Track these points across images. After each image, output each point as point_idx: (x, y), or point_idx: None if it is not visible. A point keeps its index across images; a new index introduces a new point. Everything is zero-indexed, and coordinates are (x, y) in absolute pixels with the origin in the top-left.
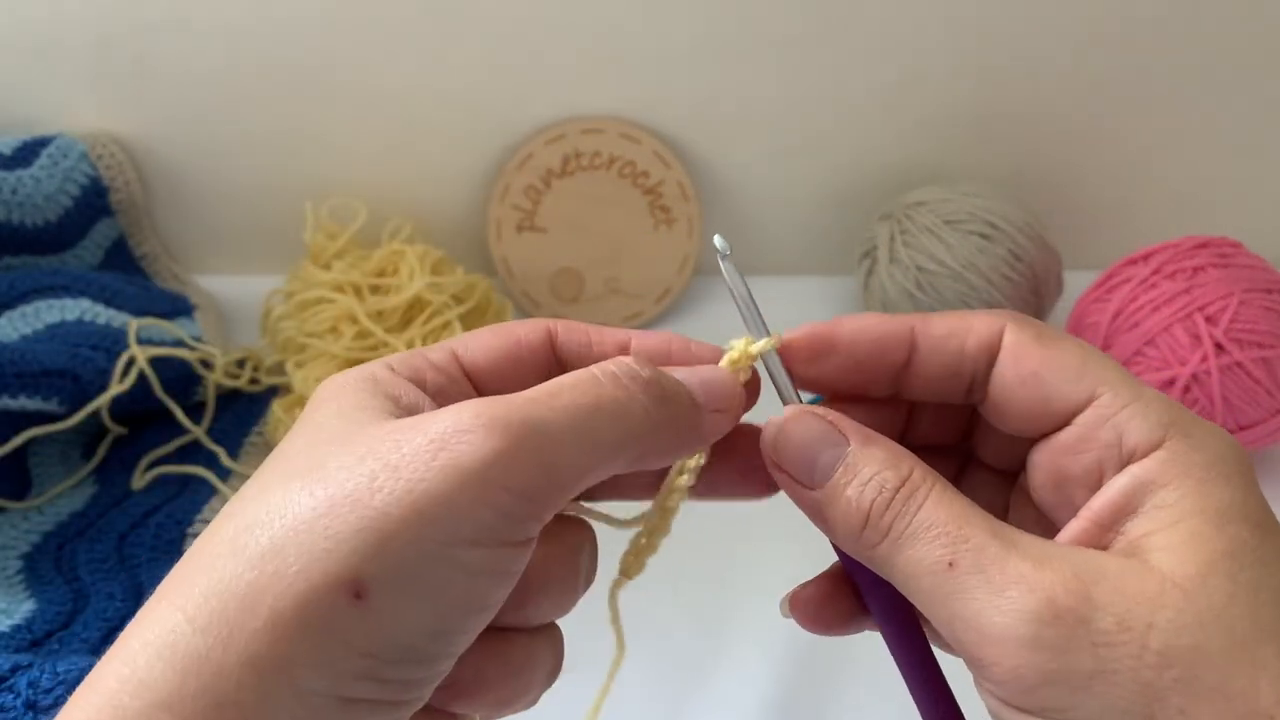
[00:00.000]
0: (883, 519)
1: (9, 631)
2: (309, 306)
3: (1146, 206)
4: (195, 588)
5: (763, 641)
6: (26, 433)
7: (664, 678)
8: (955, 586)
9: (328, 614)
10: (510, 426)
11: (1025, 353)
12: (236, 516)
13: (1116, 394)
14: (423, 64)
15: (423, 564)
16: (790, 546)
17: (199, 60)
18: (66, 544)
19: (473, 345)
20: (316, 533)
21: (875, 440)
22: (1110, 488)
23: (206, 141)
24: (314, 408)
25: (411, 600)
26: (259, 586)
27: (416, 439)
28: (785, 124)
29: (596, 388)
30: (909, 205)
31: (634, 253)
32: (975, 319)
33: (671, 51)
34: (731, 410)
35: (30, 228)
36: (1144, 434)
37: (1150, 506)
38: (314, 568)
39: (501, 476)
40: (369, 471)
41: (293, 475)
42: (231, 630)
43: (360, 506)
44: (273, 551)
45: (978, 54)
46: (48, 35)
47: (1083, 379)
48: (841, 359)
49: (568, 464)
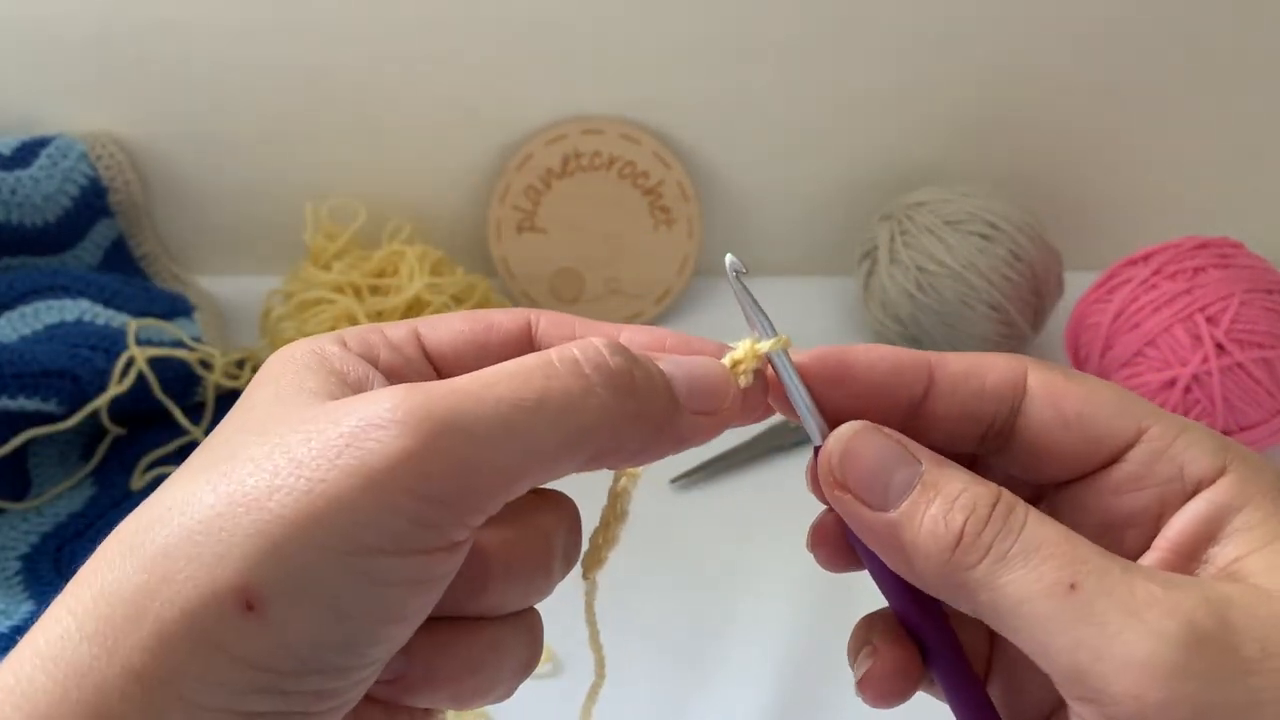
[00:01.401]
0: (980, 538)
1: (8, 633)
2: (309, 307)
3: (1146, 206)
4: (87, 589)
5: (763, 641)
6: (26, 433)
7: (664, 678)
8: (1081, 611)
9: (216, 626)
10: (426, 422)
11: (1063, 393)
12: (142, 512)
13: (1165, 426)
14: (423, 64)
15: (321, 573)
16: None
17: (199, 60)
18: (65, 545)
19: (439, 326)
20: (210, 535)
21: (947, 460)
22: (1185, 516)
23: (206, 141)
24: (255, 385)
25: (309, 612)
26: (146, 592)
27: (326, 431)
28: (785, 124)
29: (544, 378)
30: (909, 205)
31: (634, 253)
32: (995, 358)
33: (671, 51)
34: (721, 414)
35: (29, 228)
36: (1206, 462)
37: (1232, 530)
38: (202, 575)
39: (410, 480)
40: (273, 467)
41: (204, 467)
42: (117, 638)
43: (256, 508)
44: (164, 554)
45: (978, 54)
46: (48, 35)
47: (1126, 414)
48: (857, 387)
49: (493, 467)
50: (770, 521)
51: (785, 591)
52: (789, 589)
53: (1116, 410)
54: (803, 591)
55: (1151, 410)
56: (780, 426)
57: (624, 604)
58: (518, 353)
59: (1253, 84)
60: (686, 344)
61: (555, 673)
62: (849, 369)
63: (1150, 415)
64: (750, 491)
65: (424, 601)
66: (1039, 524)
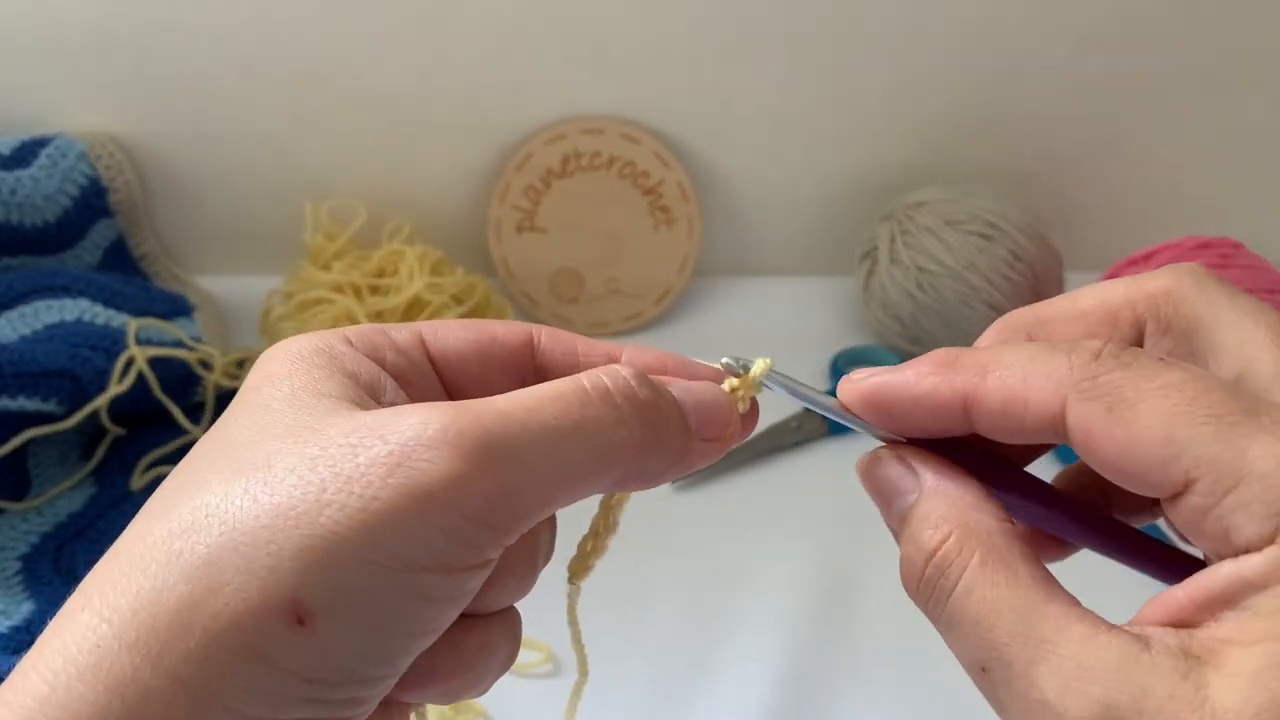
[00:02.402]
0: (919, 592)
1: (8, 633)
2: (308, 307)
3: (1146, 206)
4: (123, 596)
5: (763, 641)
6: (25, 433)
7: (664, 678)
8: (991, 695)
9: (265, 639)
10: (478, 446)
11: (1101, 439)
12: (172, 513)
13: (1214, 480)
14: (423, 64)
15: (368, 588)
16: (790, 546)
17: (199, 60)
18: (65, 545)
19: (442, 333)
20: (258, 547)
21: (939, 491)
22: (1215, 574)
23: (206, 141)
24: (262, 381)
25: (355, 625)
26: (192, 602)
27: (374, 447)
28: (785, 124)
29: (582, 405)
30: (909, 205)
31: (634, 253)
32: (1032, 387)
33: (671, 51)
34: (723, 440)
35: (29, 228)
36: (1252, 529)
37: (1244, 608)
38: (252, 588)
39: (460, 501)
40: (319, 481)
41: (236, 471)
42: (162, 649)
43: (306, 522)
44: (208, 564)
45: (978, 54)
46: (48, 35)
47: (1170, 462)
48: (902, 426)
49: (535, 491)
50: (770, 521)
51: (785, 591)
52: (789, 589)
53: (1159, 460)
54: (803, 591)
55: (1203, 456)
56: (780, 426)
57: (624, 604)
58: (521, 366)
59: (1253, 84)
60: (686, 367)
61: (555, 673)
62: (890, 416)
63: (1200, 464)
64: (750, 491)
65: (455, 613)
66: (966, 594)
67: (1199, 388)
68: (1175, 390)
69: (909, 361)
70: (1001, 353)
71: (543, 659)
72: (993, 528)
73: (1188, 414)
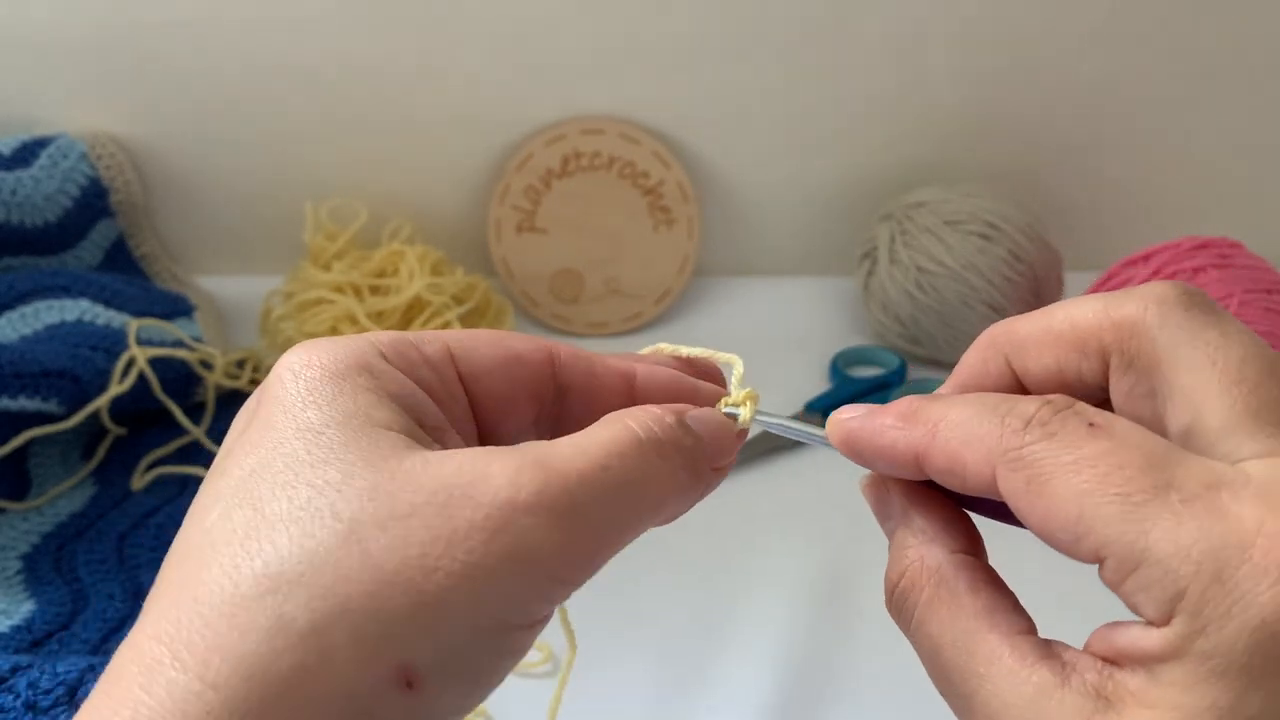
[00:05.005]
0: (892, 615)
1: (8, 632)
2: (309, 307)
3: (1146, 206)
4: (225, 662)
5: (763, 641)
6: (26, 433)
7: (664, 677)
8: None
9: (376, 704)
10: (570, 513)
11: (1020, 508)
12: (257, 558)
13: (1120, 560)
14: (423, 64)
15: (471, 649)
16: (791, 546)
17: (199, 60)
18: (66, 545)
19: (469, 347)
20: (368, 615)
21: (905, 520)
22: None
23: (206, 142)
24: (306, 398)
25: (460, 684)
26: (304, 670)
27: (465, 510)
28: (785, 124)
29: (643, 461)
30: (909, 206)
31: (634, 253)
32: (969, 451)
33: (671, 51)
34: (726, 469)
35: (30, 228)
36: (1152, 611)
37: (1148, 672)
38: (364, 656)
39: (557, 567)
40: (420, 543)
41: (308, 514)
42: (264, 712)
43: (414, 590)
44: (315, 632)
45: (978, 54)
46: (48, 35)
47: (1080, 540)
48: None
49: (609, 549)
50: (770, 521)
51: (785, 591)
52: (789, 589)
53: (1072, 537)
54: (803, 591)
55: (1108, 536)
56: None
57: (624, 603)
58: (541, 385)
59: (1253, 84)
60: (695, 391)
61: (555, 672)
62: (863, 459)
63: (1106, 545)
64: (750, 491)
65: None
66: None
67: (1113, 462)
68: (1088, 465)
69: (883, 406)
70: (951, 409)
71: (543, 659)
72: (943, 560)
73: (1098, 491)
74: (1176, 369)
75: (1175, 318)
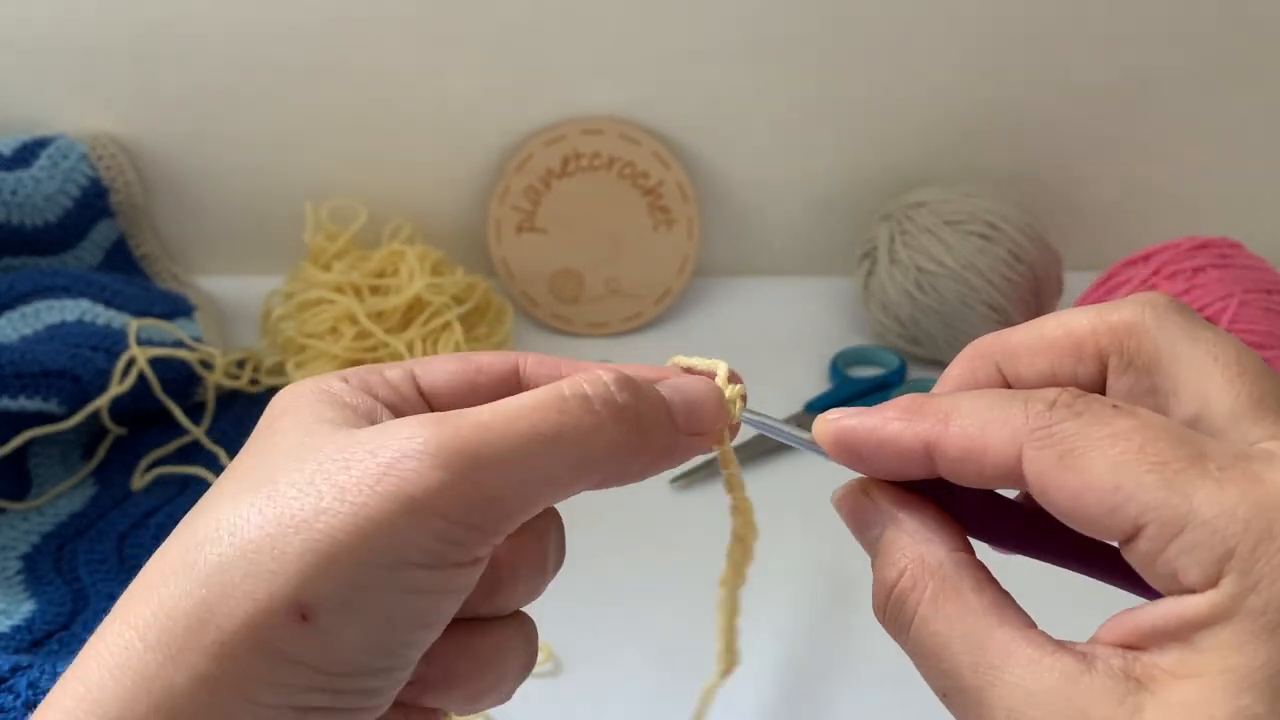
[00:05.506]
0: (884, 623)
1: (9, 632)
2: (309, 307)
3: (1146, 206)
4: (146, 606)
5: (763, 641)
6: (26, 433)
7: (664, 678)
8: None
9: (274, 634)
10: (457, 457)
11: (1049, 486)
12: (187, 532)
13: (1162, 526)
14: (423, 64)
15: (367, 587)
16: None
17: (199, 60)
18: (66, 544)
19: (432, 367)
20: (264, 553)
21: (896, 523)
22: (1163, 607)
23: (206, 142)
24: (272, 418)
25: (357, 621)
26: (207, 605)
27: (364, 462)
28: (785, 124)
29: (560, 413)
30: (909, 206)
31: (634, 253)
32: (990, 436)
33: (671, 51)
34: (713, 433)
35: (30, 228)
36: (1197, 574)
37: (1186, 643)
38: (260, 589)
39: (443, 506)
40: (316, 492)
41: (244, 490)
42: (181, 647)
43: (305, 529)
44: (220, 570)
45: (978, 54)
46: (48, 35)
47: (1118, 510)
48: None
49: (514, 494)
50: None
51: (785, 591)
52: (789, 589)
53: (1109, 507)
54: (803, 591)
55: (1150, 503)
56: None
57: (624, 604)
58: (507, 392)
59: (1253, 84)
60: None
61: (555, 672)
62: (858, 458)
63: (1146, 511)
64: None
65: (451, 608)
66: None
67: (1146, 435)
68: (1123, 439)
69: (878, 406)
70: (962, 400)
71: (543, 659)
72: (944, 559)
73: (1135, 462)
74: (1178, 364)
75: (1171, 319)
